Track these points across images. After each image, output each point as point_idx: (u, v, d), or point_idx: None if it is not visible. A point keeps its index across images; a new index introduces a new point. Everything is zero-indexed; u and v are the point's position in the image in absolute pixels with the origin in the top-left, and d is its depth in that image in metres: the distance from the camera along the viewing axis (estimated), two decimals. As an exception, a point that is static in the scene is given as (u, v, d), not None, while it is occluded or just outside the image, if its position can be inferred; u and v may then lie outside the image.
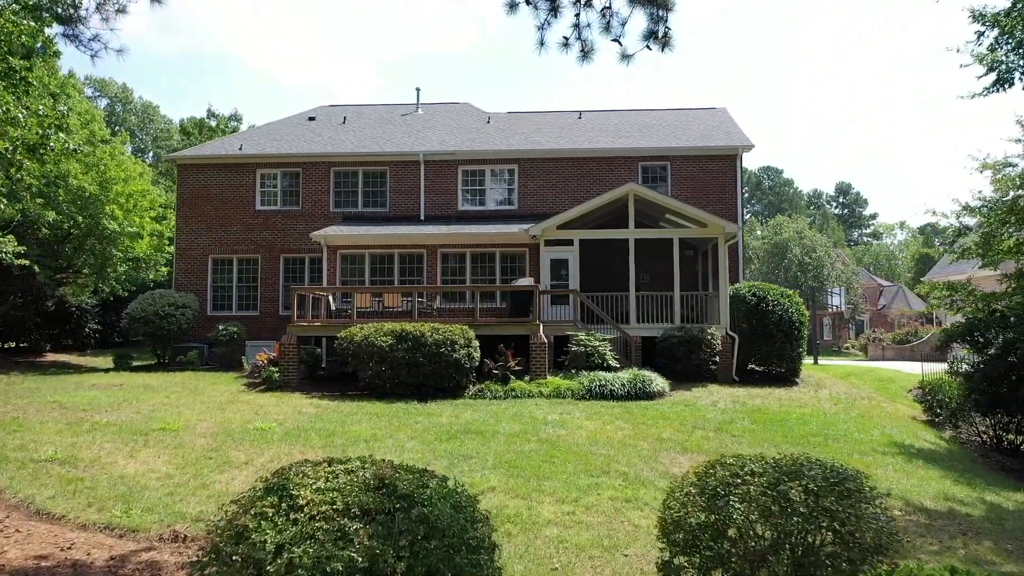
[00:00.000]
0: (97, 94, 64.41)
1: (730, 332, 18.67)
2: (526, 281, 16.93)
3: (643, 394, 15.60)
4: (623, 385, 15.58)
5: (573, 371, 16.68)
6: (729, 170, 22.72)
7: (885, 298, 66.56)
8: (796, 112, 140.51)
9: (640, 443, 11.48)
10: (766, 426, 13.37)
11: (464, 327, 15.74)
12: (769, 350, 18.67)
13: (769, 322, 18.55)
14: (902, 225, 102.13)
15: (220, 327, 21.02)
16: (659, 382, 16.05)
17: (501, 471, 9.50)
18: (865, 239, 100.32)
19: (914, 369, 25.74)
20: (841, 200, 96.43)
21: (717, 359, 18.14)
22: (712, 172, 22.76)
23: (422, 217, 23.12)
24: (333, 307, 18.30)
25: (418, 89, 28.55)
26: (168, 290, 22.98)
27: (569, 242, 19.34)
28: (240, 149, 24.10)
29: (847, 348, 46.59)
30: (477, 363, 15.51)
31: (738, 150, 22.58)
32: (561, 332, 17.68)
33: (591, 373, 16.12)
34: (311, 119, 27.26)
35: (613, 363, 16.74)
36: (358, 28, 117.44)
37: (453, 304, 20.22)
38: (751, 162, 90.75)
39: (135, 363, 21.78)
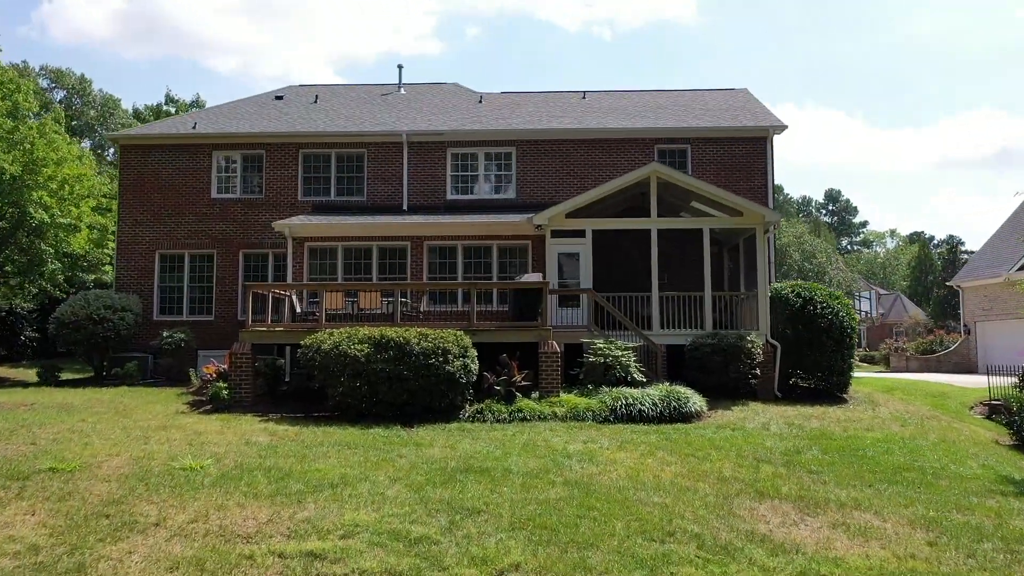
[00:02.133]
0: (53, 85, 61.05)
1: (771, 340, 16.11)
2: (533, 277, 14.25)
3: (678, 415, 12.98)
4: (654, 404, 12.93)
5: (590, 386, 14.02)
6: (758, 154, 20.23)
7: (883, 306, 64.91)
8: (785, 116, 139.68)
9: (699, 485, 8.82)
10: (843, 457, 10.81)
11: (458, 333, 13.03)
12: (817, 361, 16.12)
13: (817, 328, 16.03)
14: (892, 233, 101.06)
15: (164, 333, 18.11)
16: (696, 400, 13.45)
17: (523, 534, 6.80)
18: (855, 247, 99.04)
19: (959, 381, 23.45)
20: (831, 207, 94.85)
21: (757, 371, 15.56)
22: (739, 156, 20.26)
23: (405, 207, 20.39)
24: (299, 309, 15.50)
25: (400, 67, 25.94)
26: (107, 291, 20.04)
27: (580, 233, 16.70)
28: (194, 128, 21.25)
29: (863, 358, 44.30)
30: (475, 377, 12.79)
31: (768, 132, 20.11)
32: (573, 339, 15.01)
33: (613, 389, 13.46)
34: (278, 98, 24.46)
35: (638, 377, 14.10)
36: (346, 27, 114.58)
37: (443, 306, 17.49)
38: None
39: (65, 376, 18.80)
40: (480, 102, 23.54)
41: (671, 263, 17.42)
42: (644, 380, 14.18)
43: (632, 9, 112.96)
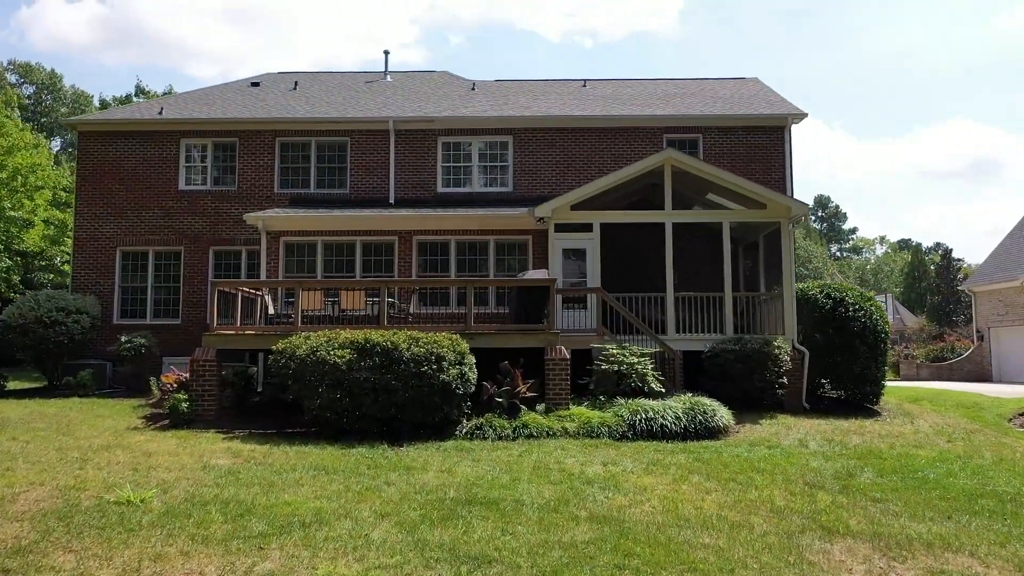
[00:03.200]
0: (22, 80, 58.99)
1: (798, 345, 14.71)
2: (538, 274, 12.75)
3: (704, 431, 11.55)
4: (677, 419, 11.48)
5: (602, 397, 12.54)
6: (776, 144, 18.90)
7: (879, 312, 63.76)
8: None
9: (752, 519, 7.35)
10: (903, 481, 9.42)
11: (454, 337, 11.51)
12: (849, 368, 14.75)
13: (850, 332, 14.67)
14: (882, 240, 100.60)
15: (123, 338, 16.45)
16: (722, 414, 12.02)
17: (551, 595, 5.28)
18: (845, 253, 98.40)
19: (984, 390, 22.21)
20: (820, 214, 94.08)
21: (784, 380, 14.14)
22: (755, 146, 18.92)
23: (391, 201, 18.86)
24: (271, 310, 13.92)
25: (387, 52, 24.43)
26: (61, 291, 18.33)
27: (587, 227, 15.23)
28: (160, 114, 19.62)
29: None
30: (473, 387, 11.27)
31: (787, 120, 18.79)
32: (580, 344, 13.52)
33: (630, 401, 11.99)
34: (254, 85, 22.87)
35: (656, 387, 12.63)
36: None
37: (435, 307, 15.96)
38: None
39: (13, 386, 17.03)
40: (473, 89, 22.09)
41: (682, 261, 15.93)
42: (663, 390, 12.72)
43: (614, 20, 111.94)
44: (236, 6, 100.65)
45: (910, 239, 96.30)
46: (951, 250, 69.11)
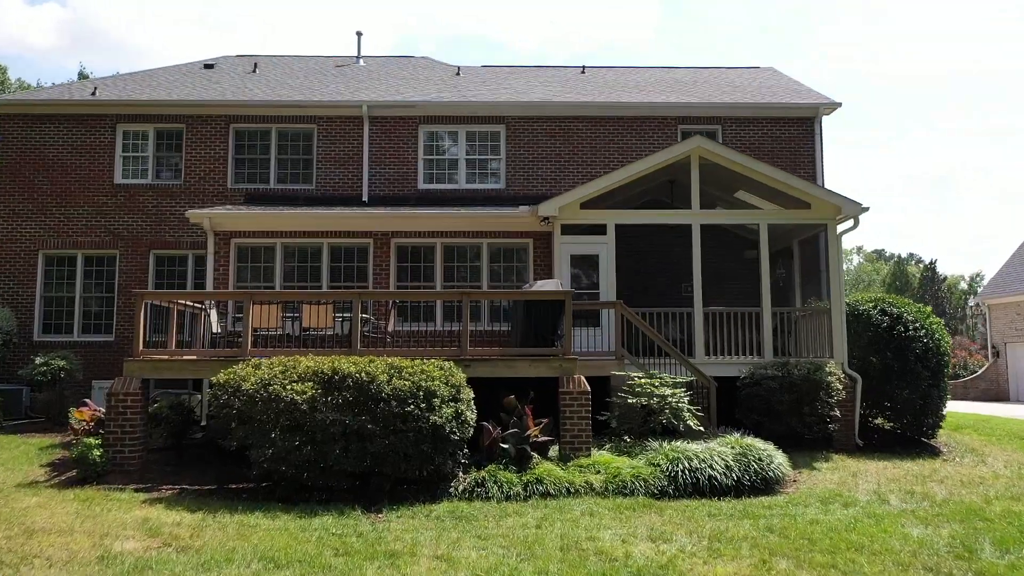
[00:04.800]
0: (-39, 72, 55.50)
1: (849, 371, 12.64)
2: (548, 285, 10.48)
3: (760, 482, 9.42)
4: (728, 469, 9.30)
5: (627, 438, 10.34)
6: (804, 137, 16.92)
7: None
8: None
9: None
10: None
11: (447, 365, 9.21)
12: (909, 398, 12.68)
13: (911, 355, 12.62)
14: (859, 250, 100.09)
15: (38, 360, 13.88)
16: (780, 460, 9.88)
17: None
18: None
19: (1018, 414, 20.39)
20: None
21: (836, 413, 12.05)
22: (781, 140, 16.90)
23: (365, 198, 16.52)
24: (217, 328, 11.47)
25: (359, 34, 22.01)
26: (-32, 302, 15.68)
27: (600, 228, 13.05)
28: (93, 95, 17.06)
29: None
30: (472, 430, 8.95)
31: (817, 110, 16.81)
32: (598, 370, 11.29)
33: (664, 445, 9.79)
34: (208, 67, 20.38)
35: (693, 424, 10.44)
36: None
37: (418, 324, 13.61)
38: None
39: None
40: (458, 74, 19.84)
41: (704, 270, 13.74)
42: (700, 429, 10.53)
43: (589, 31, 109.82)
44: (213, 20, 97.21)
45: (883, 249, 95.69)
46: (935, 260, 68.54)
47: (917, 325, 12.75)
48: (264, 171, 16.94)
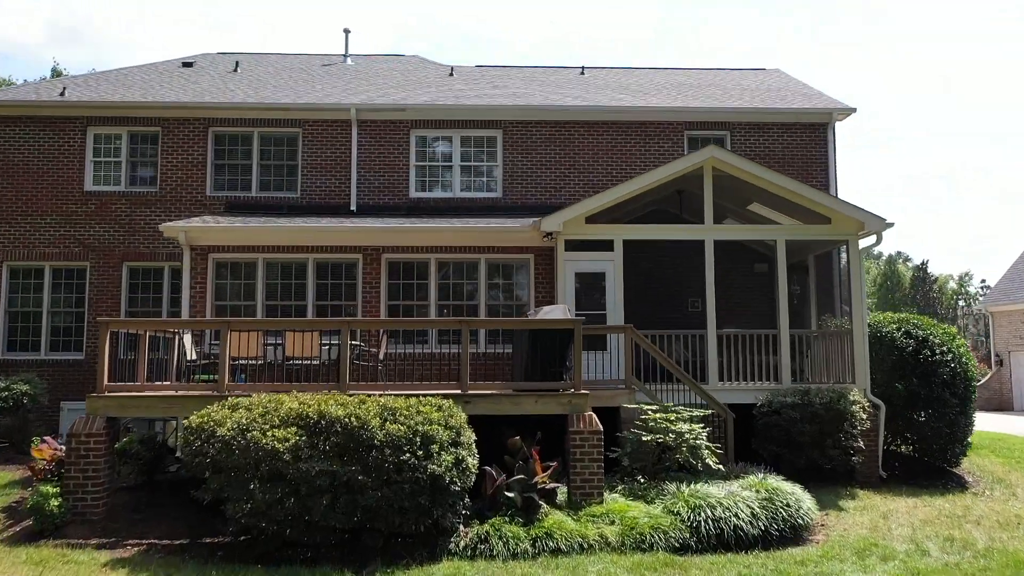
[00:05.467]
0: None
1: (872, 397, 11.92)
2: (556, 311, 9.64)
3: (789, 530, 8.65)
4: (754, 517, 8.55)
5: (640, 479, 9.54)
6: (817, 144, 16.19)
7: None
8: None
9: None
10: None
11: (446, 404, 8.38)
12: (935, 427, 11.97)
13: (939, 381, 11.93)
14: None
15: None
16: (808, 505, 9.15)
17: None
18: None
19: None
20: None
21: (860, 444, 11.33)
22: (792, 147, 16.17)
23: (353, 207, 15.65)
24: (193, 355, 10.58)
25: (347, 31, 21.08)
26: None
27: (607, 244, 12.25)
28: (62, 95, 16.07)
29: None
30: (473, 478, 8.13)
31: (831, 116, 16.08)
32: (607, 401, 10.50)
33: (683, 488, 9.02)
34: (186, 65, 19.40)
35: (712, 463, 9.68)
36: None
37: (411, 346, 12.72)
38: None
39: None
40: (451, 75, 18.97)
41: (700, 284, 12.93)
42: (720, 467, 9.76)
43: (589, 31, 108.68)
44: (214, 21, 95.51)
45: (871, 247, 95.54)
46: (927, 261, 68.40)
47: (944, 349, 12.05)
48: (246, 178, 16.01)
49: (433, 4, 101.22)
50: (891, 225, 11.97)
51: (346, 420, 7.65)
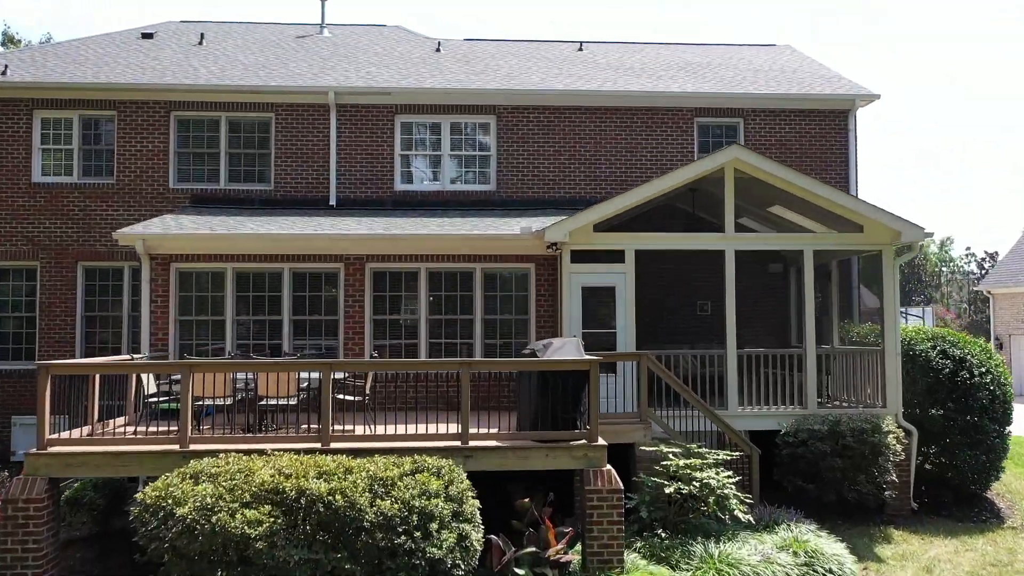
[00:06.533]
0: None
1: (904, 422, 11.01)
2: (567, 349, 8.43)
3: (830, 600, 7.71)
4: (794, 586, 7.58)
5: (662, 533, 8.56)
6: (836, 134, 15.08)
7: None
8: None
9: None
10: None
11: (445, 464, 7.30)
12: (972, 455, 11.11)
13: (977, 406, 11.03)
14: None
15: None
16: (850, 568, 8.21)
17: None
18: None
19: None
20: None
21: (893, 477, 10.45)
22: (810, 137, 15.05)
23: (333, 202, 14.37)
24: (153, 387, 9.37)
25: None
26: None
27: (617, 255, 11.12)
28: (4, 74, 14.49)
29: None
30: (478, 555, 7.08)
31: (852, 103, 14.94)
32: (620, 437, 9.51)
33: (711, 549, 8.07)
34: (146, 36, 17.77)
35: (740, 513, 8.71)
36: None
37: (403, 369, 11.56)
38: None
39: None
40: (438, 50, 17.51)
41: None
42: (749, 519, 8.81)
43: (589, 31, 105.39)
44: None
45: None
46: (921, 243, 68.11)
47: (983, 370, 11.14)
48: (213, 168, 14.62)
49: (434, 4, 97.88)
50: (930, 235, 10.97)
51: (329, 499, 6.54)
